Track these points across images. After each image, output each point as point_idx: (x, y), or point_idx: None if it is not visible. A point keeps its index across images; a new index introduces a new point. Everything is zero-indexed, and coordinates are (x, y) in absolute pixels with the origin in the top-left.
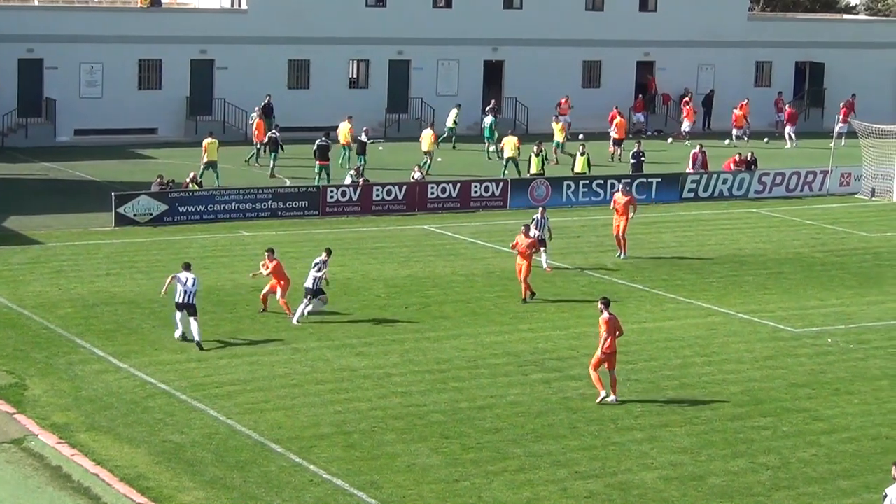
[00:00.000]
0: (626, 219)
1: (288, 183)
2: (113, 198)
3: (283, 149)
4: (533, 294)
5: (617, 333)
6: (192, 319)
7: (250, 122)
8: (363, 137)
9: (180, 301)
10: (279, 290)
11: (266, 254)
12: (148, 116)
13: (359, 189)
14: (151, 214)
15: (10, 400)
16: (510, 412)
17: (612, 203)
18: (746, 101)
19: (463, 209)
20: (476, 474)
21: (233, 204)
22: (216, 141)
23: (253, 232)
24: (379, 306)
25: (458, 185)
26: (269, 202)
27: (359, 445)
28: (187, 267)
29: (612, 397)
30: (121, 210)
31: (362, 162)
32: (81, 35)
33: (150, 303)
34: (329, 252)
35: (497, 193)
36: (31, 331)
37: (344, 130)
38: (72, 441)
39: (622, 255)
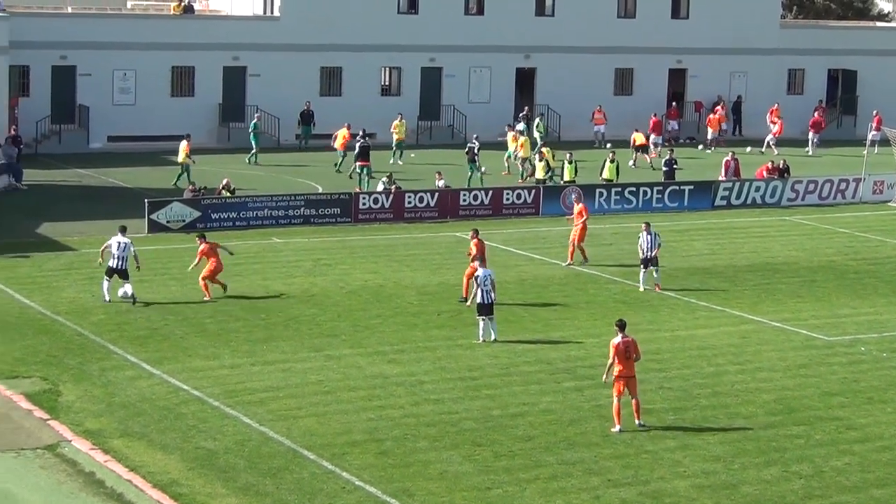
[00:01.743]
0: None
1: (320, 189)
2: (146, 204)
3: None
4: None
5: (634, 357)
6: (125, 282)
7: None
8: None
9: (113, 266)
10: (209, 269)
11: (197, 239)
12: (180, 123)
13: (391, 196)
14: (184, 221)
15: (44, 406)
16: (543, 420)
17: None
18: (776, 106)
19: (495, 216)
20: (508, 482)
21: (265, 211)
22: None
23: (285, 239)
24: (411, 313)
25: (490, 192)
26: (302, 209)
27: (391, 452)
28: (122, 230)
29: (617, 427)
30: (154, 217)
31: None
32: (114, 42)
33: (183, 309)
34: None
35: (529, 201)
36: (65, 337)
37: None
38: (105, 447)
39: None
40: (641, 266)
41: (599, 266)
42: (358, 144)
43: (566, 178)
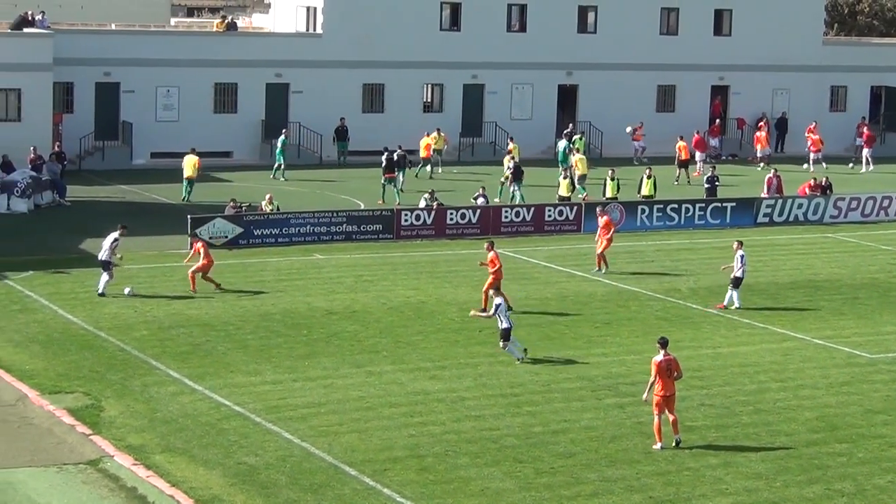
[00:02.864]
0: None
1: (361, 206)
2: (188, 220)
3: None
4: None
5: (675, 375)
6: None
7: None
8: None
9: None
10: (199, 267)
11: (191, 240)
12: (223, 139)
13: (433, 213)
14: (226, 237)
15: (87, 421)
16: (584, 437)
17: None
18: (815, 123)
19: (537, 233)
20: (549, 499)
21: (307, 227)
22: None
23: (327, 255)
24: (453, 330)
25: (532, 208)
26: (344, 225)
27: (432, 469)
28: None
29: (658, 444)
30: (196, 233)
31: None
32: (158, 59)
33: (225, 325)
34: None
35: (571, 217)
36: (108, 352)
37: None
38: (147, 462)
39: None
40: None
41: (641, 283)
42: (384, 157)
43: (608, 194)
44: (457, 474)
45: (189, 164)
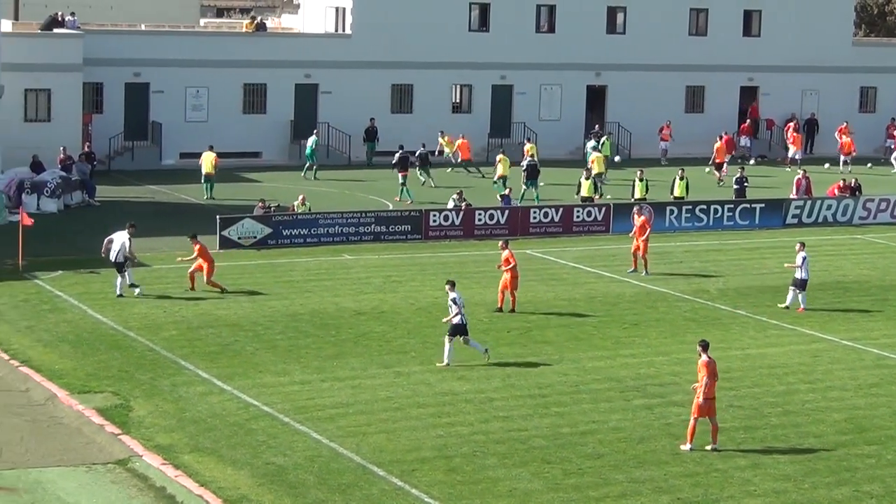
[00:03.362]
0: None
1: (390, 206)
2: (217, 221)
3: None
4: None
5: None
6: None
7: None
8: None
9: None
10: (205, 272)
11: (190, 240)
12: (252, 140)
13: (461, 213)
14: (255, 237)
15: (115, 421)
16: (612, 438)
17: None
18: (845, 124)
19: (565, 234)
20: (577, 500)
21: (336, 228)
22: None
23: (356, 256)
24: (481, 330)
25: (561, 209)
26: (372, 226)
27: (460, 469)
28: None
29: (688, 446)
30: (225, 233)
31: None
32: (187, 59)
33: (254, 325)
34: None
35: (599, 218)
36: (137, 352)
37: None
38: (176, 462)
39: (644, 272)
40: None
41: (669, 284)
42: (398, 155)
43: (637, 195)
44: (485, 475)
45: (207, 161)
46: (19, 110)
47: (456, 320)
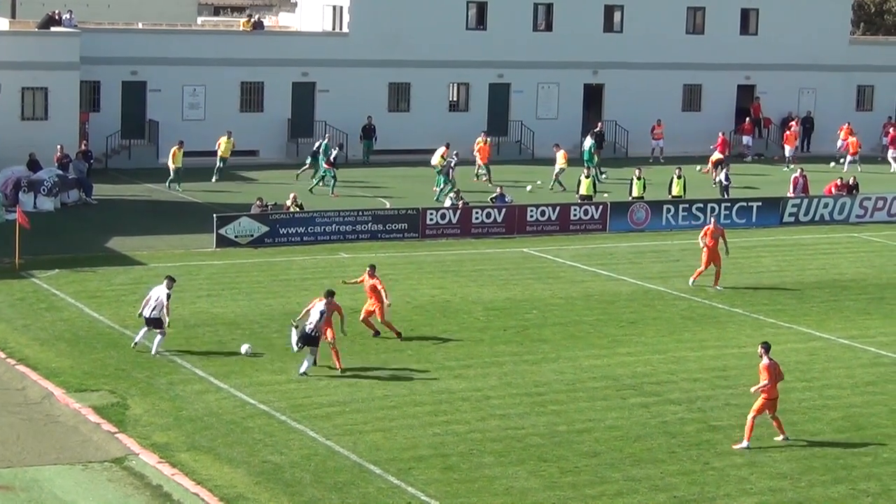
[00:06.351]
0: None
1: (387, 205)
2: (214, 219)
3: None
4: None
5: (780, 378)
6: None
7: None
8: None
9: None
10: (378, 311)
11: (368, 270)
12: (249, 138)
13: (458, 212)
14: (252, 236)
15: (112, 419)
16: (609, 436)
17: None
18: (848, 124)
19: (562, 232)
20: (574, 498)
21: (333, 226)
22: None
23: (353, 254)
24: (478, 329)
25: (558, 208)
26: (369, 224)
27: (457, 468)
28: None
29: (745, 443)
30: (222, 231)
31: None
32: (184, 58)
33: (251, 324)
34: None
35: (597, 217)
36: (133, 350)
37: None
38: (172, 460)
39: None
40: None
41: (667, 282)
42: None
43: (635, 193)
44: (481, 473)
45: (225, 145)
46: (16, 108)
47: (307, 329)
